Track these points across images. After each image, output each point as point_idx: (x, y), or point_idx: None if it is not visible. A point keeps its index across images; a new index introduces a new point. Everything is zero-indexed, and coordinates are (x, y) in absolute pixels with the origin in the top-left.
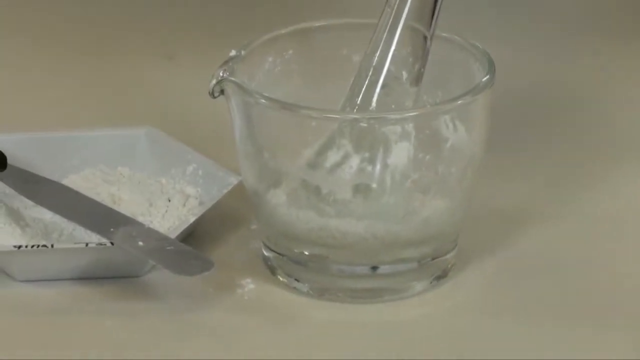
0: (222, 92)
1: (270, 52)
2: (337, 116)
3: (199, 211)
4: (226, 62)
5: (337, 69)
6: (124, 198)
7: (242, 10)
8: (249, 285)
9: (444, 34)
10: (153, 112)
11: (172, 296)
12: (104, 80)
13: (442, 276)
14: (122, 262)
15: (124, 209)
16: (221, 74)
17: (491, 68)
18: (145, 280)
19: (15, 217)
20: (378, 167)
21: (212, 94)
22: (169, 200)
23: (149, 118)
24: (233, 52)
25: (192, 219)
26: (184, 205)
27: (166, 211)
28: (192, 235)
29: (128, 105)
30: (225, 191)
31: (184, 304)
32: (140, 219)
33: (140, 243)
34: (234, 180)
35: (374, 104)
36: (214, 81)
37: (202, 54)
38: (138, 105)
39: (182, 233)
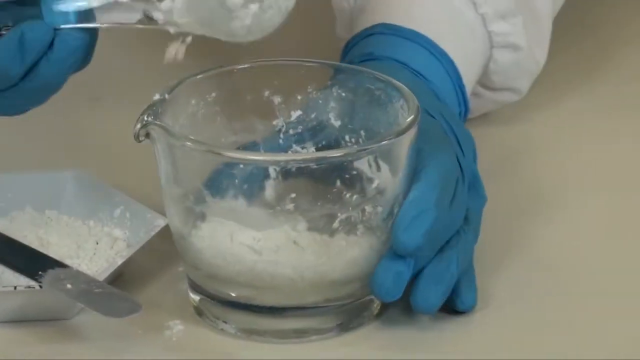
0: (147, 135)
1: (193, 94)
2: (261, 158)
3: (126, 253)
4: (150, 106)
5: (259, 110)
6: (52, 241)
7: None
8: (178, 326)
9: (371, 73)
10: (81, 155)
11: (100, 338)
12: (31, 123)
13: (369, 315)
14: (51, 305)
15: (52, 252)
16: (146, 118)
17: (415, 108)
18: (74, 322)
19: None
20: None
21: (137, 138)
22: (97, 243)
23: (76, 161)
24: (157, 96)
25: (119, 261)
26: (112, 247)
27: (94, 254)
28: (120, 278)
29: (55, 147)
30: (152, 233)
31: (113, 345)
32: (68, 261)
33: (69, 286)
34: (161, 222)
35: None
36: (138, 125)
37: (128, 96)
38: (65, 148)
39: (110, 275)
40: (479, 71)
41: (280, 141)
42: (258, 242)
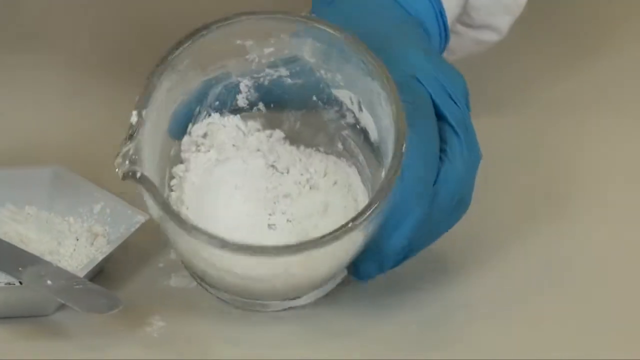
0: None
1: (171, 77)
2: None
3: (107, 249)
4: (128, 139)
5: (231, 53)
6: (32, 237)
7: (153, 43)
8: (158, 322)
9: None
10: (60, 151)
11: (80, 335)
12: (11, 119)
13: None
14: (31, 302)
15: (32, 248)
16: (127, 164)
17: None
18: (54, 319)
19: None
20: None
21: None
22: (77, 239)
23: (56, 157)
24: (134, 116)
25: (100, 258)
26: (92, 244)
27: (74, 250)
28: (100, 274)
29: (35, 143)
30: (133, 229)
31: (93, 342)
32: (48, 258)
33: (49, 282)
34: (141, 219)
35: None
36: (120, 172)
37: (107, 91)
38: (45, 144)
39: (90, 272)
40: (459, 4)
41: (253, 66)
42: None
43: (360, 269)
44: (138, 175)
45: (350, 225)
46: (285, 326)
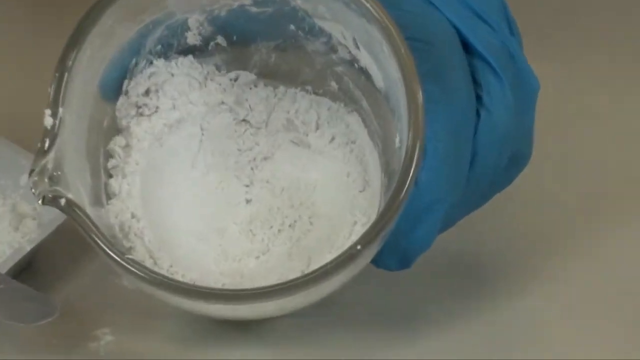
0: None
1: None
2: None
3: (37, 236)
4: (45, 149)
5: None
6: None
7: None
8: (107, 337)
9: None
10: None
11: (3, 352)
12: None
13: None
14: None
15: None
16: (46, 184)
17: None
18: None
19: None
20: None
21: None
22: None
23: None
24: (48, 119)
25: (28, 247)
26: (17, 228)
27: None
28: (28, 269)
29: None
30: None
31: None
32: None
33: None
34: None
35: None
36: (37, 194)
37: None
38: None
39: (14, 266)
40: None
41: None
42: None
43: (379, 262)
44: (62, 202)
45: (351, 252)
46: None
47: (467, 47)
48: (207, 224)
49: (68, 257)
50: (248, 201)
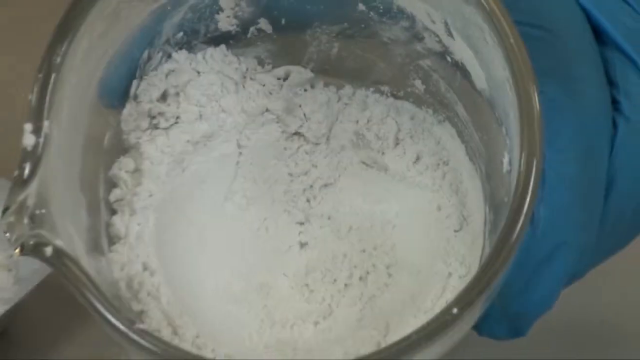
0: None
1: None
2: None
3: (14, 295)
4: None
5: None
6: None
7: None
8: None
9: None
10: None
11: None
12: None
13: None
14: None
15: None
16: (25, 226)
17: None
18: None
19: None
20: None
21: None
22: None
23: None
24: (29, 137)
25: (2, 309)
26: None
27: None
28: (3, 337)
29: None
30: None
31: None
32: None
33: None
34: None
35: None
36: (13, 241)
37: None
38: None
39: None
40: None
41: None
42: None
43: (483, 328)
44: (48, 251)
45: (445, 318)
46: None
47: (600, 36)
48: (246, 279)
49: (54, 322)
50: (303, 245)
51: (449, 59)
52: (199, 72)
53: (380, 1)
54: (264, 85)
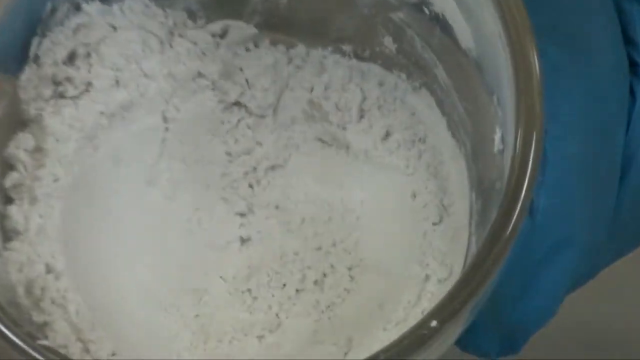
0: None
1: None
2: None
3: None
4: None
5: None
6: None
7: None
8: None
9: None
10: None
11: None
12: None
13: None
14: None
15: None
16: None
17: None
18: None
19: None
20: None
21: None
22: None
23: None
24: None
25: None
26: None
27: None
28: None
29: None
30: None
31: None
32: None
33: None
34: None
35: None
36: None
37: None
38: None
39: None
40: None
41: None
42: None
43: (470, 344)
44: None
45: (422, 332)
46: None
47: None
48: (173, 282)
49: None
50: (244, 241)
51: (426, 10)
52: (115, 28)
53: None
54: (195, 44)
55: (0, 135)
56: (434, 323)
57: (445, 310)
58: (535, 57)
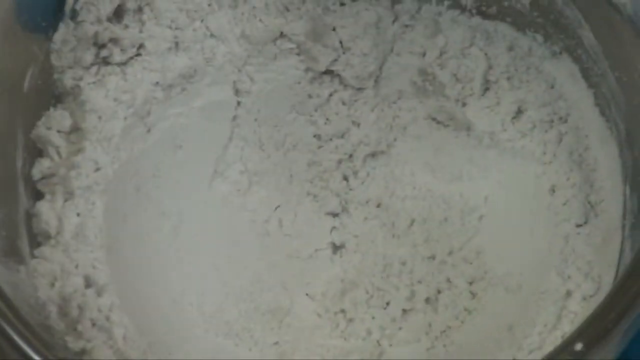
0: None
1: None
2: None
3: None
4: None
5: None
6: None
7: None
8: None
9: None
10: None
11: None
12: None
13: None
14: None
15: None
16: None
17: None
18: None
19: None
20: None
21: None
22: None
23: None
24: None
25: None
26: None
27: None
28: None
29: None
30: None
31: None
32: None
33: None
34: None
35: None
36: None
37: None
38: None
39: None
40: None
41: None
42: None
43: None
44: None
45: (569, 358)
46: None
47: None
48: (247, 300)
49: None
50: (337, 248)
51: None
52: None
53: None
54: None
55: (25, 112)
56: (579, 346)
57: (593, 331)
58: None
